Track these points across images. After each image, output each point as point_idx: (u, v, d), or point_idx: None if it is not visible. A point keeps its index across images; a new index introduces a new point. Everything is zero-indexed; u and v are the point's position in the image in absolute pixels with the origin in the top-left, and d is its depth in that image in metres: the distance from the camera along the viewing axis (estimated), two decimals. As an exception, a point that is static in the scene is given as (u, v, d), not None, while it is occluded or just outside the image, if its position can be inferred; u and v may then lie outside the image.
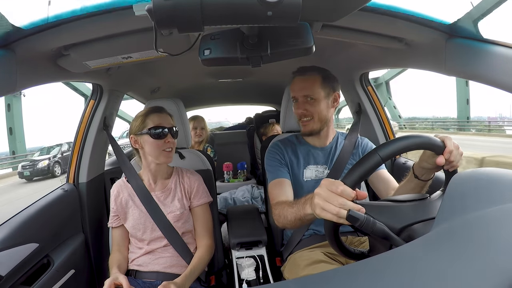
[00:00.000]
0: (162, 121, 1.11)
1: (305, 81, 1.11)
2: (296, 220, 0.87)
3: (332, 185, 0.64)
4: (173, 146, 1.13)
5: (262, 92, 2.95)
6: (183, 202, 1.15)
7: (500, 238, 0.35)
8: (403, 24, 0.88)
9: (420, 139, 0.68)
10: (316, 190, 0.67)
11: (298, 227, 0.91)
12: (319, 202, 0.65)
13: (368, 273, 0.38)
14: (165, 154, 1.11)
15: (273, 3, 0.45)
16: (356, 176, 0.64)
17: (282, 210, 0.94)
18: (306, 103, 1.10)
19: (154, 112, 1.13)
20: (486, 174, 0.50)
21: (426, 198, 0.69)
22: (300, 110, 1.11)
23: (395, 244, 0.61)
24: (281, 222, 0.95)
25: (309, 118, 1.11)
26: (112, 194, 1.17)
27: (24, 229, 1.05)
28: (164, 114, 1.15)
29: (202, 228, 1.18)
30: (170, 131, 1.12)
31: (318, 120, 1.11)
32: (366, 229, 0.62)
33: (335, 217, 0.62)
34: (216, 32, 0.68)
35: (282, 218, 0.93)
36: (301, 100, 1.11)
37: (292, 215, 0.88)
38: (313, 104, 1.10)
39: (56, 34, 0.80)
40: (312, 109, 1.10)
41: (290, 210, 0.90)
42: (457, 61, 0.88)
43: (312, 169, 1.16)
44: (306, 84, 1.11)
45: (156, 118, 1.11)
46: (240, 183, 2.42)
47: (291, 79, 1.17)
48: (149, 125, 1.10)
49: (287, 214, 0.91)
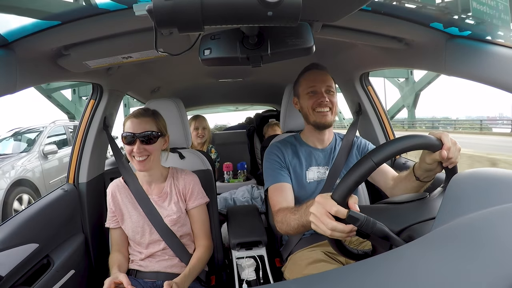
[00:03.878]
0: (133, 128, 1.05)
1: (325, 74, 1.16)
2: (299, 226, 0.87)
3: (326, 205, 0.64)
4: (145, 153, 1.05)
5: (262, 92, 2.95)
6: (179, 205, 1.14)
7: (500, 238, 0.35)
8: (403, 24, 0.88)
9: (416, 139, 0.67)
10: (311, 209, 0.68)
11: (300, 232, 0.91)
12: (313, 221, 0.67)
13: (368, 273, 0.38)
14: (136, 162, 1.06)
15: (273, 3, 0.45)
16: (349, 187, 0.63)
17: (285, 217, 0.94)
18: (328, 94, 1.13)
19: (131, 117, 1.08)
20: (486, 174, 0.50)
21: (426, 197, 0.69)
22: (324, 99, 1.11)
23: (395, 244, 0.61)
24: (284, 229, 0.94)
25: (328, 109, 1.13)
26: (108, 194, 1.16)
27: (24, 229, 1.05)
28: (142, 119, 1.07)
29: (199, 230, 1.18)
30: (140, 138, 1.04)
31: (334, 113, 1.15)
32: (366, 230, 0.62)
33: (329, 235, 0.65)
34: (216, 32, 0.68)
35: (285, 225, 0.93)
36: (324, 90, 1.13)
37: (295, 222, 0.88)
38: (333, 96, 1.14)
39: (56, 34, 0.80)
40: (333, 100, 1.13)
41: (293, 217, 0.89)
42: (457, 61, 0.88)
43: (314, 170, 1.16)
44: (326, 77, 1.15)
45: (128, 124, 1.07)
46: (240, 183, 2.41)
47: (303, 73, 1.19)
48: (124, 130, 1.08)
49: (290, 221, 0.91)
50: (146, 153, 1.06)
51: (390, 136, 1.57)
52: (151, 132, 1.06)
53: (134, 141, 1.05)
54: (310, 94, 1.14)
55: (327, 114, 1.12)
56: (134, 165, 1.09)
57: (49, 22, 0.77)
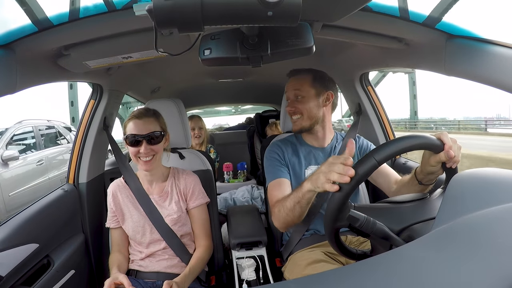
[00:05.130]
0: (138, 129, 1.05)
1: (296, 80, 1.17)
2: (295, 204, 0.88)
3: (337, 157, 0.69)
4: (152, 153, 1.06)
5: (262, 92, 2.95)
6: (179, 205, 1.14)
7: (500, 238, 0.35)
8: (403, 24, 0.88)
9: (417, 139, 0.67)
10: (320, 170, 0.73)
11: (296, 216, 0.91)
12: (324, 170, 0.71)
13: (368, 273, 0.38)
14: (141, 162, 1.07)
15: (273, 3, 0.45)
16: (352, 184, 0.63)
17: (281, 204, 0.95)
18: (295, 101, 1.15)
19: (133, 118, 1.08)
20: (486, 174, 0.50)
21: (426, 198, 0.69)
22: (290, 108, 1.16)
23: (395, 244, 0.61)
24: (281, 217, 0.95)
25: (298, 116, 1.15)
26: (109, 194, 1.16)
27: (24, 230, 1.05)
28: (145, 120, 1.08)
29: (199, 230, 1.18)
30: (146, 139, 1.05)
31: (308, 118, 1.14)
32: (366, 230, 0.62)
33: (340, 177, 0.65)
34: (216, 32, 0.68)
35: (282, 211, 0.94)
36: (292, 98, 1.16)
37: (291, 202, 0.89)
38: (302, 101, 1.14)
39: (56, 34, 0.80)
40: (301, 106, 1.14)
41: (288, 198, 0.92)
42: (457, 61, 0.88)
43: (314, 170, 1.15)
44: (296, 83, 1.16)
45: (131, 125, 1.06)
46: (240, 184, 2.42)
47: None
48: (127, 132, 1.07)
49: (285, 203, 0.92)
50: (152, 153, 1.07)
51: (390, 136, 1.57)
52: (156, 132, 1.07)
53: (140, 142, 1.05)
54: (287, 101, 1.19)
55: (296, 121, 1.16)
56: (139, 165, 1.09)
57: (49, 22, 0.77)
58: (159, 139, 1.08)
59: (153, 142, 1.07)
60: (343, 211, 0.64)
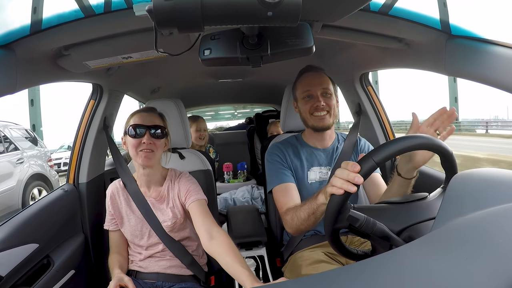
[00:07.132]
0: (143, 120, 1.05)
1: (321, 76, 1.14)
2: (309, 215, 0.87)
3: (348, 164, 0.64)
4: (153, 148, 1.04)
5: (262, 92, 2.95)
6: (175, 210, 1.09)
7: (500, 238, 0.35)
8: (403, 24, 0.88)
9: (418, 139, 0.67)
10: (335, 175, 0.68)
11: (311, 225, 0.91)
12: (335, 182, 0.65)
13: (368, 273, 0.38)
14: (141, 154, 1.03)
15: (273, 3, 0.45)
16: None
17: (294, 213, 0.94)
18: (324, 97, 1.12)
19: (140, 111, 1.09)
20: (486, 174, 0.50)
21: (426, 198, 0.69)
22: (320, 103, 1.10)
23: (395, 244, 0.61)
24: (294, 225, 0.94)
25: (325, 112, 1.11)
26: (108, 195, 1.14)
27: (24, 230, 1.05)
28: (151, 114, 1.09)
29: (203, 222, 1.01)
30: (150, 130, 1.05)
31: (333, 115, 1.14)
32: (366, 230, 0.62)
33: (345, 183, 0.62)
34: (216, 32, 0.68)
35: (296, 220, 0.93)
36: (320, 93, 1.12)
37: (305, 212, 0.88)
38: (330, 98, 1.12)
39: (56, 34, 0.80)
40: (330, 103, 1.12)
41: (302, 208, 0.90)
42: (457, 61, 0.88)
43: (316, 171, 1.15)
44: (322, 79, 1.14)
45: (137, 117, 1.06)
46: (240, 184, 2.42)
47: (298, 77, 1.18)
48: (130, 124, 1.06)
49: (300, 213, 0.91)
50: (153, 148, 1.05)
51: (390, 136, 1.57)
52: (160, 126, 1.08)
53: (143, 133, 1.04)
54: (306, 98, 1.13)
55: (324, 118, 1.12)
56: (138, 161, 1.05)
57: (49, 22, 0.77)
58: (162, 135, 1.08)
59: (156, 135, 1.06)
60: (343, 213, 0.64)
